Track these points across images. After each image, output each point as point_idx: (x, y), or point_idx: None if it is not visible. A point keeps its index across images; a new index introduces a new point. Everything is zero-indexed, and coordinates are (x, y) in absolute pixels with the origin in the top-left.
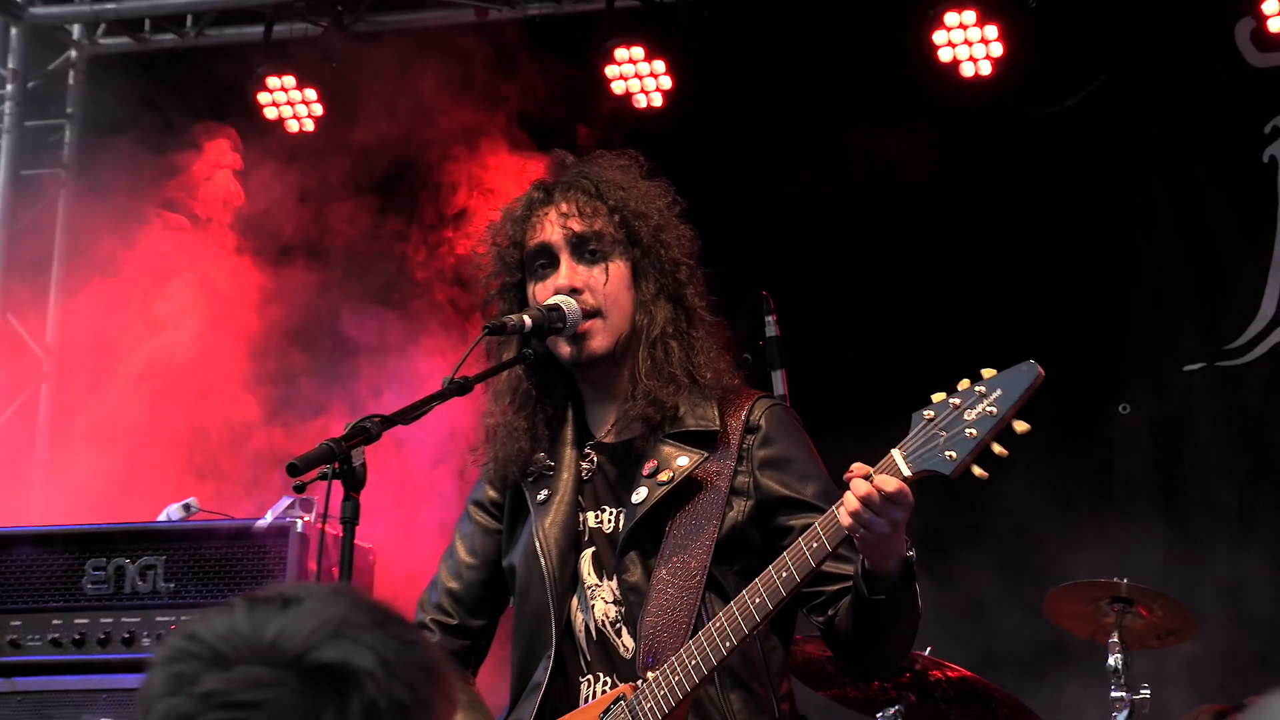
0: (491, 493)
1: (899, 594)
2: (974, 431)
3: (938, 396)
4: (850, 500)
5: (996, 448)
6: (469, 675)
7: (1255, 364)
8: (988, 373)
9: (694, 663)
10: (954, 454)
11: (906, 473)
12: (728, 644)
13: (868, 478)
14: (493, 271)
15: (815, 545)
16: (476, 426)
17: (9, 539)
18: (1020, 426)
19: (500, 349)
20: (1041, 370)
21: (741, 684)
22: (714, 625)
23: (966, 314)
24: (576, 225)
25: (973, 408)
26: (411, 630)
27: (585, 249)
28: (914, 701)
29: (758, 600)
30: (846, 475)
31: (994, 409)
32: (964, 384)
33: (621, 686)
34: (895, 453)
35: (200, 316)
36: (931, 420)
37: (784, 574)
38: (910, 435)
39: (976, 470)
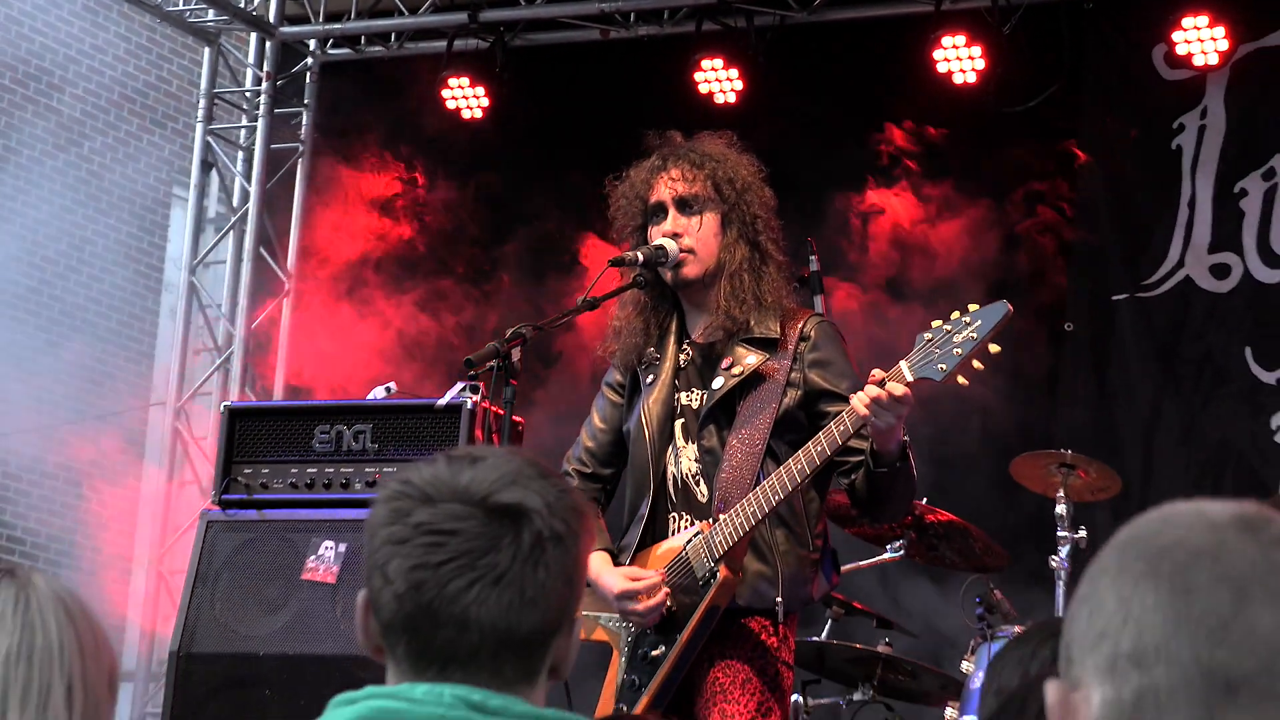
0: (618, 376)
1: (896, 469)
2: (959, 350)
3: (935, 323)
4: (863, 398)
5: (975, 363)
6: (599, 511)
7: (1164, 296)
8: (972, 307)
9: (753, 509)
10: (944, 366)
11: (909, 379)
12: (777, 497)
13: (881, 383)
14: (624, 217)
15: (841, 429)
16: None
17: (260, 411)
18: (993, 349)
19: (623, 275)
20: (1011, 307)
21: (785, 524)
22: (767, 483)
23: (963, 253)
24: (681, 187)
25: (960, 332)
26: (564, 481)
27: (686, 205)
28: (914, 538)
29: (799, 466)
30: (868, 380)
31: (975, 334)
32: (954, 315)
33: (700, 524)
34: (902, 364)
35: (400, 247)
36: (929, 340)
37: (818, 448)
38: (913, 350)
39: (960, 379)
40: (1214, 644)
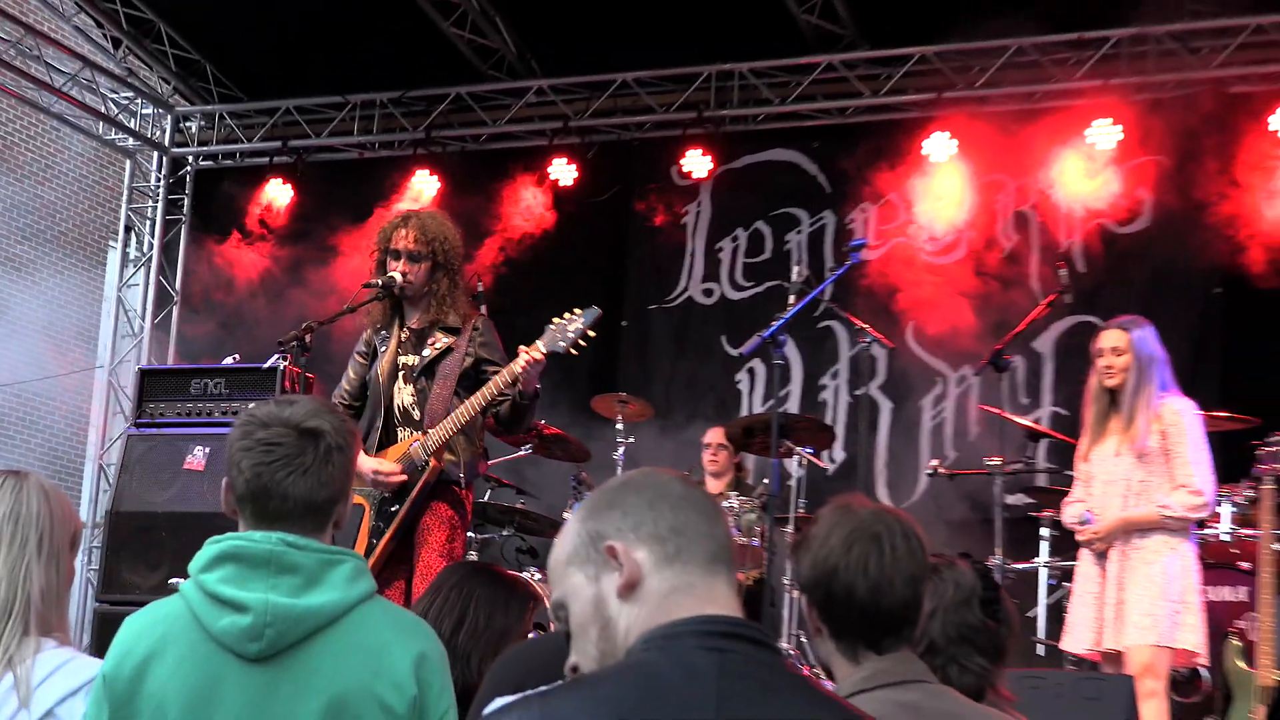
0: (363, 347)
1: (531, 404)
2: (572, 334)
3: (556, 319)
4: (520, 362)
5: (581, 342)
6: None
7: (677, 306)
8: (578, 310)
9: (451, 425)
10: (563, 344)
11: (543, 350)
12: (466, 418)
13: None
14: (379, 250)
15: (503, 380)
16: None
17: (160, 371)
18: (591, 334)
19: (372, 292)
20: (600, 311)
21: (465, 434)
22: (459, 410)
23: (575, 287)
24: (409, 243)
25: (572, 324)
26: (343, 412)
27: (410, 252)
28: (537, 442)
29: (478, 400)
30: (518, 352)
31: (580, 325)
32: (567, 314)
33: (416, 435)
34: (539, 342)
35: (238, 280)
36: (554, 329)
37: (492, 389)
38: (544, 335)
39: (572, 351)
40: (707, 535)
